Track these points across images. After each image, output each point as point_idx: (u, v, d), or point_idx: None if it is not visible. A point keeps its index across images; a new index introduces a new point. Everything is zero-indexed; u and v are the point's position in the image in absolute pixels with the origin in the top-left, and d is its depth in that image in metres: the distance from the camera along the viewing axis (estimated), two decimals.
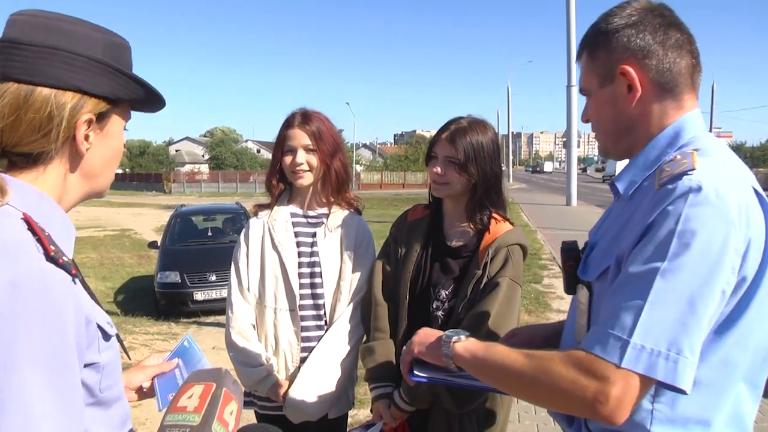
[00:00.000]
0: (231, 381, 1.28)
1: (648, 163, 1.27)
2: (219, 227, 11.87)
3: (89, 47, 1.06)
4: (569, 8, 26.43)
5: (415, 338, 1.50)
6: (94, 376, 1.03)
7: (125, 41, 1.15)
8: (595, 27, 1.33)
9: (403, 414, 2.07)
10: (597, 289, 1.27)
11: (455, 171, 2.03)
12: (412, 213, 2.29)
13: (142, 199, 41.06)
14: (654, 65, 1.24)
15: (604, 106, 1.33)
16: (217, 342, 7.23)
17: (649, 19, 1.26)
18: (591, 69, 1.33)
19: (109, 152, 1.15)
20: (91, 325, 1.00)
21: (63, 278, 0.96)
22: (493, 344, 1.31)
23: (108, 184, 1.20)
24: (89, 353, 1.00)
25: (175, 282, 9.61)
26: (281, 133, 2.32)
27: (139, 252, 15.44)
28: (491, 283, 1.99)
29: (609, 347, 1.05)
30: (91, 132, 1.08)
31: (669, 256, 1.05)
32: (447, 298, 2.08)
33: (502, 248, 2.02)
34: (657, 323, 1.03)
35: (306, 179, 2.29)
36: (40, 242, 0.97)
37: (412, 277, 2.14)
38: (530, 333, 1.69)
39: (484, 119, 2.14)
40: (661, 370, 1.02)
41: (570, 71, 26.41)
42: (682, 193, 1.08)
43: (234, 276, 2.37)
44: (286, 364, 2.30)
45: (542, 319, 7.75)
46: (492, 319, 1.94)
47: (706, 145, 1.21)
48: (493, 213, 2.09)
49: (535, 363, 1.15)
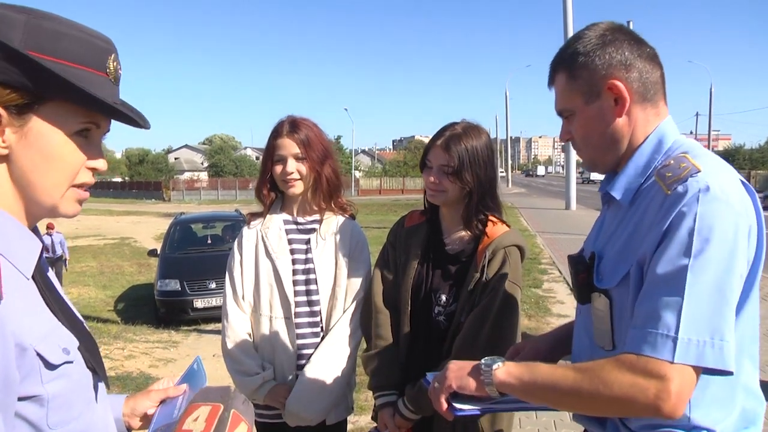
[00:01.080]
0: (241, 401, 1.21)
1: (639, 170, 1.36)
2: (218, 235, 11.87)
3: (2, 27, 0.90)
4: (566, 12, 26.51)
5: (448, 373, 1.45)
6: (37, 410, 0.90)
7: (68, 28, 0.97)
8: (569, 50, 1.40)
9: (407, 422, 2.06)
10: (617, 295, 1.32)
11: (450, 179, 2.03)
12: (408, 219, 2.29)
13: (141, 207, 41.06)
14: (636, 77, 1.35)
15: (592, 122, 1.39)
16: (217, 350, 7.18)
17: (622, 36, 1.37)
18: (573, 89, 1.40)
19: (37, 157, 0.96)
20: (27, 352, 0.87)
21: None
22: (534, 364, 1.32)
23: (56, 199, 1.01)
24: (27, 384, 0.88)
25: (175, 290, 9.60)
26: (270, 143, 2.32)
27: (138, 260, 15.43)
28: (490, 285, 1.99)
29: (659, 346, 1.12)
30: (6, 128, 0.93)
31: (694, 253, 1.13)
32: (448, 303, 2.08)
33: (499, 250, 2.03)
34: (697, 316, 1.11)
35: (297, 188, 2.29)
36: None
37: (414, 284, 2.14)
38: (534, 347, 1.70)
39: (479, 124, 2.14)
40: (710, 358, 1.10)
41: None
42: (693, 194, 1.17)
43: (228, 285, 2.37)
44: (282, 371, 2.29)
45: (543, 323, 7.74)
46: (492, 320, 1.94)
47: (690, 147, 1.33)
48: (490, 216, 2.10)
49: (588, 375, 1.18)
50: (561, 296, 9.37)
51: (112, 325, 9.31)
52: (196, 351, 7.01)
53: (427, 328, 2.11)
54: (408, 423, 2.07)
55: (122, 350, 7.30)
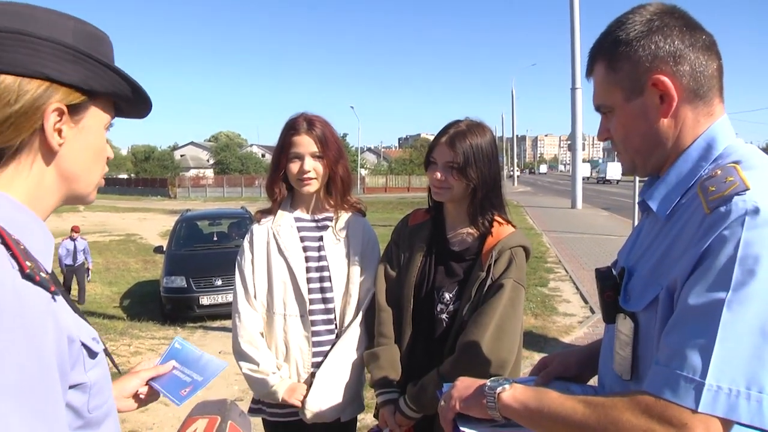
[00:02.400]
0: (237, 413, 1.23)
1: (681, 178, 1.19)
2: (224, 232, 11.90)
3: (57, 33, 0.98)
4: (573, 10, 26.43)
5: (453, 392, 1.38)
6: (80, 398, 0.96)
7: (102, 33, 1.07)
8: (610, 36, 1.23)
9: (408, 421, 2.06)
10: (644, 320, 1.18)
11: (455, 176, 2.03)
12: (413, 217, 2.29)
13: (147, 204, 41.18)
14: (687, 70, 1.16)
15: (633, 121, 1.22)
16: (223, 346, 7.24)
17: (672, 22, 1.18)
18: (612, 82, 1.23)
19: (87, 150, 1.06)
20: (75, 344, 0.93)
21: (41, 297, 0.88)
22: (544, 390, 1.20)
23: (91, 189, 1.11)
24: (75, 374, 0.93)
25: (180, 287, 9.64)
26: (286, 139, 2.28)
27: (144, 257, 15.49)
28: (495, 285, 1.99)
29: (681, 390, 0.96)
30: (64, 126, 1.00)
31: (733, 285, 0.96)
32: (451, 301, 2.08)
33: (505, 250, 2.02)
34: (731, 360, 0.94)
35: (313, 186, 2.28)
36: (14, 257, 0.88)
37: (417, 282, 2.14)
38: (563, 361, 1.60)
39: (482, 122, 2.14)
40: (745, 412, 0.93)
41: (574, 74, 26.38)
42: (737, 217, 1.00)
43: (239, 284, 2.34)
44: (297, 370, 2.28)
45: (549, 322, 7.73)
46: (496, 321, 1.94)
47: (745, 156, 1.14)
48: (495, 215, 2.10)
49: (598, 412, 1.05)
50: (567, 295, 9.35)
51: (118, 321, 9.35)
52: (202, 348, 6.96)
53: (429, 326, 2.11)
54: (409, 422, 2.07)
55: (128, 346, 7.34)
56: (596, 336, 5.72)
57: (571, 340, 6.94)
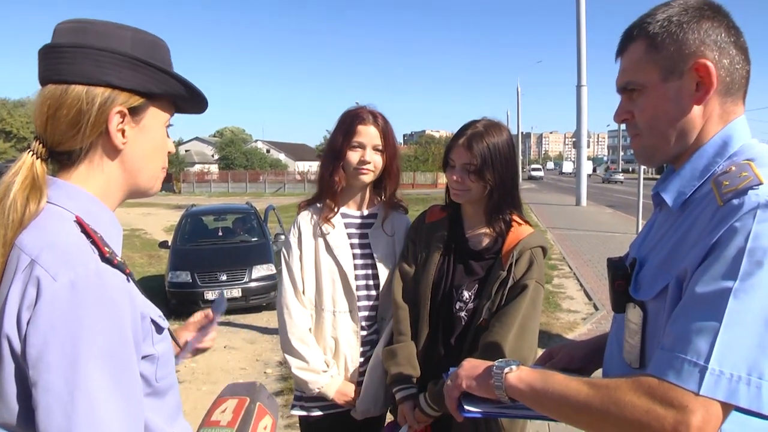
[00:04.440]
0: (266, 395, 1.29)
1: (696, 173, 1.21)
2: (229, 227, 11.90)
3: (116, 43, 1.10)
4: (579, 8, 26.36)
5: (460, 371, 1.40)
6: (150, 368, 1.08)
7: (158, 39, 1.19)
8: (657, 16, 1.22)
9: (428, 418, 2.07)
10: (653, 309, 1.21)
11: (472, 178, 2.04)
12: (429, 215, 2.30)
13: (151, 199, 41.16)
14: (726, 65, 1.18)
15: (665, 103, 1.22)
16: (228, 341, 7.28)
17: (721, 17, 1.20)
18: (651, 60, 1.22)
19: (148, 147, 1.18)
20: (146, 320, 1.07)
21: (119, 278, 1.01)
22: (550, 373, 1.22)
23: (153, 182, 1.23)
24: (145, 346, 1.06)
25: (185, 282, 9.65)
26: (351, 128, 2.25)
27: (149, 252, 15.52)
28: (519, 285, 2.01)
29: (684, 373, 0.99)
30: (126, 126, 1.12)
31: (741, 275, 1.00)
32: (470, 299, 2.09)
33: (525, 251, 2.04)
34: (734, 347, 0.97)
35: (369, 177, 2.28)
36: (93, 244, 1.02)
37: (435, 280, 2.15)
38: (568, 353, 1.63)
39: (500, 122, 2.14)
40: (744, 397, 0.96)
41: (580, 71, 26.33)
42: (749, 209, 1.03)
43: (287, 280, 2.30)
44: (346, 365, 2.30)
45: (552, 318, 7.74)
46: (520, 320, 1.96)
47: (759, 154, 1.17)
48: (514, 216, 2.11)
49: (602, 393, 1.07)
50: (571, 292, 9.35)
51: None
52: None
53: (447, 324, 2.12)
54: (428, 419, 2.07)
55: None
56: (600, 333, 5.73)
57: (574, 336, 6.95)
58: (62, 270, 0.94)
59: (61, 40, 1.09)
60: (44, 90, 1.09)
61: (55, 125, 1.08)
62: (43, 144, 1.10)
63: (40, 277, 0.94)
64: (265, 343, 7.28)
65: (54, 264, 0.95)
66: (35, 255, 0.97)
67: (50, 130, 1.08)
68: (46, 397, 0.90)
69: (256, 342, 7.40)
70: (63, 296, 0.93)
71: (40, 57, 1.10)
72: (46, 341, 0.91)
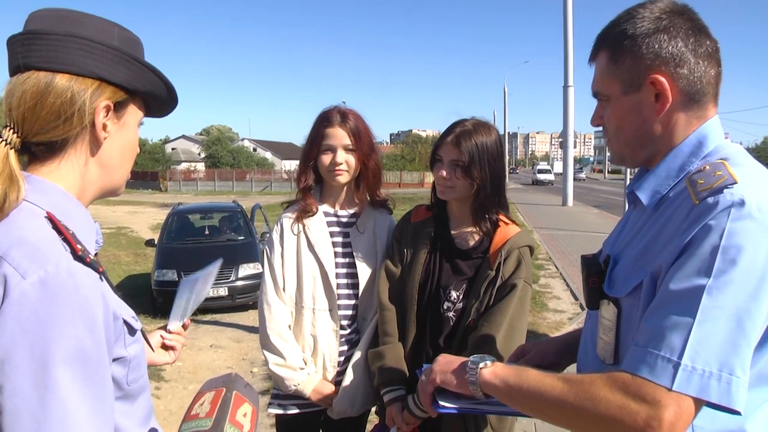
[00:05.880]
0: (242, 384, 1.29)
1: (671, 172, 1.22)
2: (216, 226, 11.84)
3: (106, 36, 1.08)
4: (566, 8, 26.49)
5: (435, 366, 1.40)
6: (121, 370, 1.05)
7: (137, 37, 1.17)
8: (617, 28, 1.24)
9: (416, 419, 2.06)
10: (627, 306, 1.22)
11: (460, 174, 2.04)
12: (415, 214, 2.29)
13: (138, 197, 40.93)
14: (685, 74, 1.18)
15: (626, 115, 1.25)
16: (214, 340, 7.25)
17: (680, 24, 1.19)
18: (612, 74, 1.25)
19: (126, 144, 1.16)
20: (118, 320, 1.03)
21: (91, 276, 0.98)
22: (524, 369, 1.22)
23: (123, 181, 1.21)
24: (117, 348, 1.02)
25: (172, 280, 9.58)
26: (319, 131, 2.26)
27: (135, 250, 15.40)
28: (507, 285, 2.02)
29: (657, 369, 1.00)
30: (108, 121, 1.10)
31: (715, 273, 1.01)
32: (458, 299, 2.09)
33: (514, 250, 2.05)
34: (706, 343, 0.99)
35: (344, 177, 2.27)
36: (65, 241, 0.98)
37: (421, 280, 2.15)
38: (541, 350, 1.64)
39: (488, 121, 2.15)
40: (715, 392, 0.98)
41: (567, 72, 26.46)
42: (724, 208, 1.04)
43: (269, 277, 2.30)
44: (324, 363, 2.29)
45: (539, 318, 7.78)
46: (509, 320, 1.96)
47: (732, 154, 1.18)
48: (500, 215, 2.12)
49: (576, 389, 1.07)
50: (557, 291, 9.42)
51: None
52: (193, 341, 7.03)
53: (435, 324, 2.12)
54: (416, 420, 2.06)
55: None
56: None
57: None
58: (32, 268, 0.90)
59: (45, 27, 1.04)
60: (23, 77, 1.03)
61: (36, 114, 1.03)
62: (18, 133, 1.03)
63: (7, 275, 0.89)
64: (251, 342, 7.25)
65: (23, 261, 0.91)
66: (3, 252, 0.92)
67: (30, 119, 1.03)
68: (13, 401, 0.85)
69: (243, 341, 7.38)
70: (32, 295, 0.88)
71: (16, 43, 1.04)
72: (14, 342, 0.86)
